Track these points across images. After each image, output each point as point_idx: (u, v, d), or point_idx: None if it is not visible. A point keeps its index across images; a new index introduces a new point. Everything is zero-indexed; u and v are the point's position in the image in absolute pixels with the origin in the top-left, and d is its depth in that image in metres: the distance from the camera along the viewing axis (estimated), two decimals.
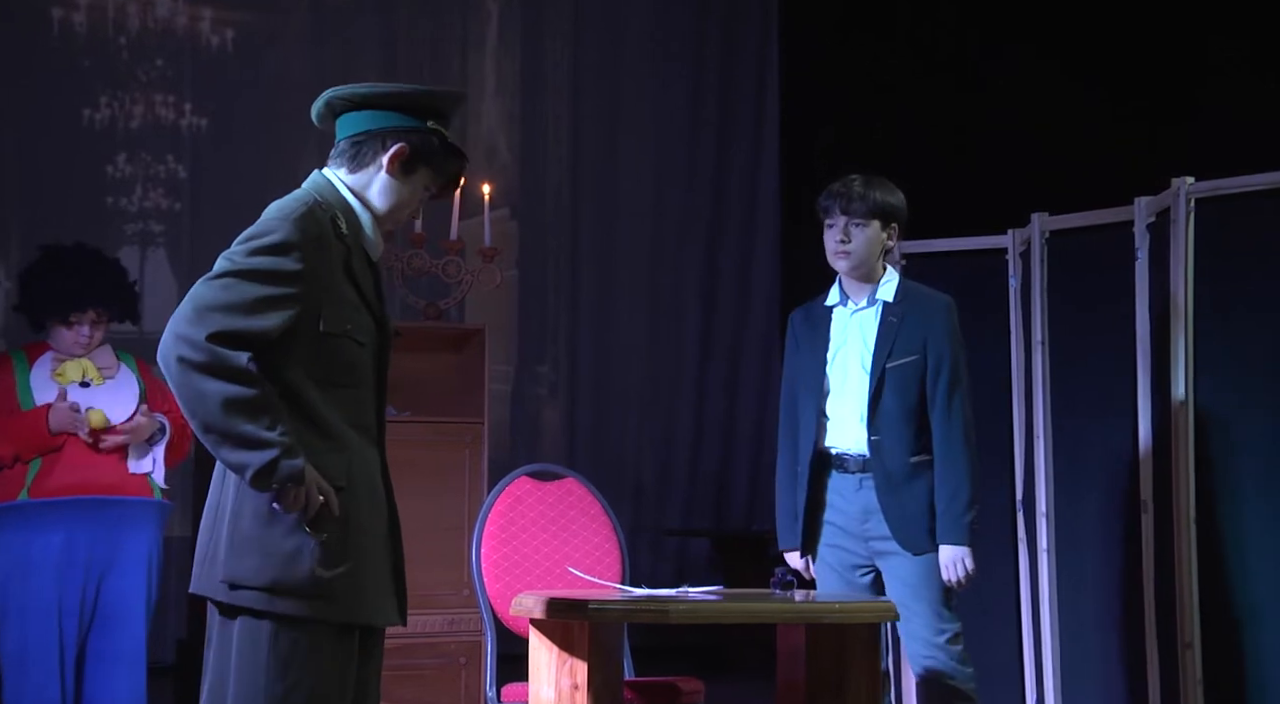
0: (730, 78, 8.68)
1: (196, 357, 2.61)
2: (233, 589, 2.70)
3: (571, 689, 3.34)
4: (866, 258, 3.84)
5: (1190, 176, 4.32)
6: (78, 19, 7.46)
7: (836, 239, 3.84)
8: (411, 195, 2.90)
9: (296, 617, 2.70)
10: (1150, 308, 4.46)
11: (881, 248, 3.86)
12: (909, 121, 7.70)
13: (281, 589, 2.68)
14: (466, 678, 5.06)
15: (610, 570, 4.10)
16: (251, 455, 2.62)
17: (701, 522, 8.40)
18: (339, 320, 2.78)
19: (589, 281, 8.38)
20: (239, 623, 2.72)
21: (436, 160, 2.90)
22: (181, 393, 2.64)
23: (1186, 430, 4.23)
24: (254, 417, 2.62)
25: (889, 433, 3.78)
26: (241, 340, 2.63)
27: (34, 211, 7.24)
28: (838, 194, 3.85)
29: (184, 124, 7.62)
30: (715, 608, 3.40)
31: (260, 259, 2.69)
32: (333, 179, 2.88)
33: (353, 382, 2.82)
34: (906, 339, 3.80)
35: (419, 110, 2.88)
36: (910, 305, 3.84)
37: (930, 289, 3.98)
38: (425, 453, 5.04)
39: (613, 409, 8.33)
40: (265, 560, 2.68)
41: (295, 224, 2.74)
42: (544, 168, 8.41)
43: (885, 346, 3.80)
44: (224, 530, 2.72)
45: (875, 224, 3.83)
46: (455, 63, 8.29)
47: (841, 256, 3.84)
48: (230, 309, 2.63)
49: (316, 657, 2.73)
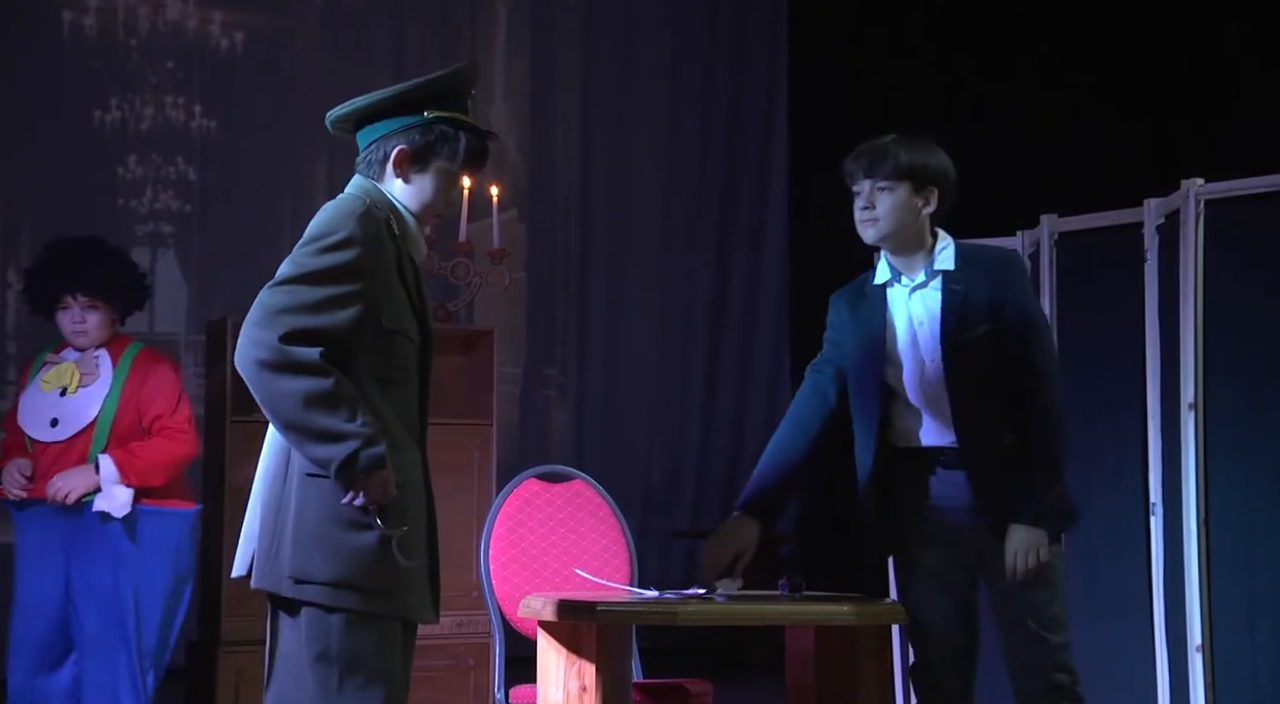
0: (740, 79, 8.67)
1: (271, 357, 2.67)
2: (298, 583, 2.73)
3: (580, 691, 3.34)
4: (896, 226, 3.34)
5: (1200, 178, 4.31)
6: (88, 21, 7.47)
7: (861, 206, 3.38)
8: (438, 189, 2.93)
9: (364, 612, 2.74)
10: (1160, 309, 4.46)
11: (916, 214, 3.34)
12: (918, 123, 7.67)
13: (348, 584, 2.73)
14: (475, 679, 5.06)
15: (619, 572, 4.10)
16: (334, 449, 2.67)
17: (710, 523, 8.38)
18: (397, 317, 2.84)
19: (598, 283, 8.38)
20: (306, 618, 2.75)
21: (444, 148, 2.91)
22: (261, 395, 2.70)
23: (1196, 432, 4.23)
24: (333, 409, 2.67)
25: (974, 415, 3.26)
26: (314, 338, 2.69)
27: (45, 213, 7.25)
28: (861, 153, 3.40)
29: (194, 126, 7.63)
30: (724, 610, 3.39)
31: (326, 258, 2.74)
32: (374, 184, 2.92)
33: (405, 380, 2.88)
34: (975, 308, 3.29)
35: (412, 105, 2.89)
36: (972, 269, 3.33)
37: (990, 246, 3.47)
38: (434, 454, 4.93)
39: (621, 411, 8.33)
40: (332, 556, 2.72)
41: (358, 222, 2.78)
42: (553, 169, 8.41)
43: (952, 321, 3.29)
44: (288, 527, 2.75)
45: (905, 187, 3.33)
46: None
47: (867, 225, 3.37)
48: (301, 310, 2.69)
49: (384, 650, 2.78)
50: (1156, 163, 6.41)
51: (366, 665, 2.75)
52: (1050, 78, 7.39)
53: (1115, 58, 7.37)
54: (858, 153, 3.41)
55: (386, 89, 2.94)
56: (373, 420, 2.71)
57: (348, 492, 2.71)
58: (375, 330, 2.79)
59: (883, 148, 3.37)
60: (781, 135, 8.64)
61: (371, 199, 2.87)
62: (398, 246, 2.86)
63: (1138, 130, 7.13)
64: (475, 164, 2.97)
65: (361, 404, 2.71)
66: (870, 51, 8.11)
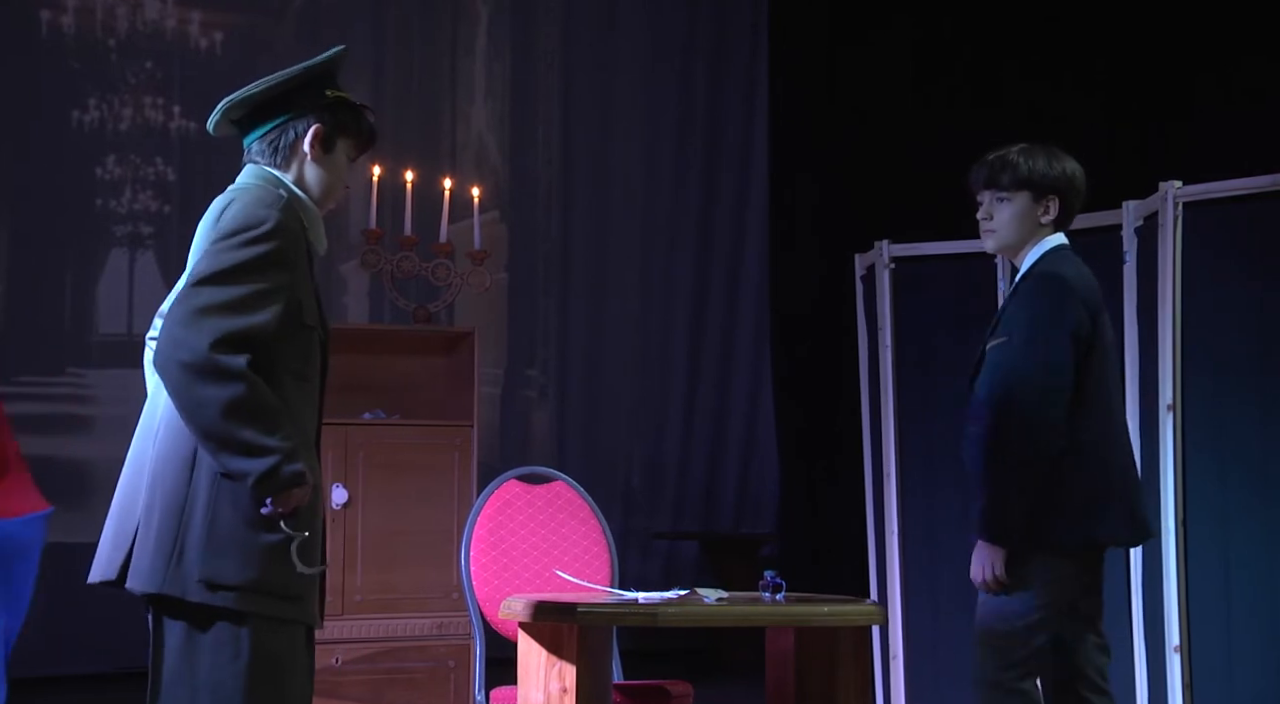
0: (720, 81, 8.68)
1: (194, 361, 2.57)
2: (212, 589, 2.62)
3: (560, 692, 3.34)
4: (1013, 236, 3.35)
5: (1178, 180, 4.33)
6: (66, 21, 7.44)
7: (982, 216, 3.40)
8: (340, 171, 2.88)
9: (279, 617, 2.66)
10: (1138, 311, 4.47)
11: (1035, 224, 3.33)
12: (899, 127, 7.70)
13: (265, 589, 2.64)
14: (455, 681, 5.05)
15: (599, 573, 4.10)
16: (253, 463, 2.59)
17: (690, 524, 8.39)
18: (312, 313, 2.77)
19: (578, 284, 8.38)
20: (209, 625, 2.64)
21: (350, 126, 2.88)
22: (180, 400, 2.61)
23: (1174, 433, 4.24)
24: (253, 422, 2.58)
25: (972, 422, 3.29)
26: (242, 341, 2.60)
27: (23, 214, 7.23)
28: (983, 164, 3.41)
29: (173, 127, 7.60)
30: (704, 611, 3.40)
31: (250, 251, 2.64)
32: (275, 173, 2.84)
33: (312, 377, 2.80)
34: (1006, 317, 3.31)
35: (315, 85, 2.84)
36: (1026, 279, 3.33)
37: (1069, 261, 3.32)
38: (414, 456, 5.04)
39: (602, 412, 8.33)
40: (246, 560, 2.63)
41: (281, 213, 2.71)
42: (533, 171, 8.41)
43: (991, 327, 3.35)
44: (196, 529, 2.63)
45: (1024, 196, 3.33)
46: (445, 65, 8.28)
47: (987, 235, 3.39)
48: (227, 309, 2.60)
49: (295, 657, 2.71)
50: (1135, 165, 6.43)
51: (278, 671, 2.66)
52: (1029, 81, 7.41)
53: (1094, 61, 7.40)
54: (980, 163, 3.42)
55: (273, 76, 2.86)
56: (293, 432, 2.63)
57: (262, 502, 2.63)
58: (296, 326, 2.71)
59: (1002, 158, 3.39)
60: (762, 135, 8.65)
61: (282, 188, 2.79)
62: (306, 240, 2.79)
63: (1117, 133, 7.16)
64: (369, 144, 2.94)
65: (283, 414, 2.63)
66: (851, 53, 8.12)
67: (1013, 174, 3.34)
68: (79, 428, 7.23)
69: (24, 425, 7.15)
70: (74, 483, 6.97)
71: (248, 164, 2.88)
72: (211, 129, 2.91)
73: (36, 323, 7.22)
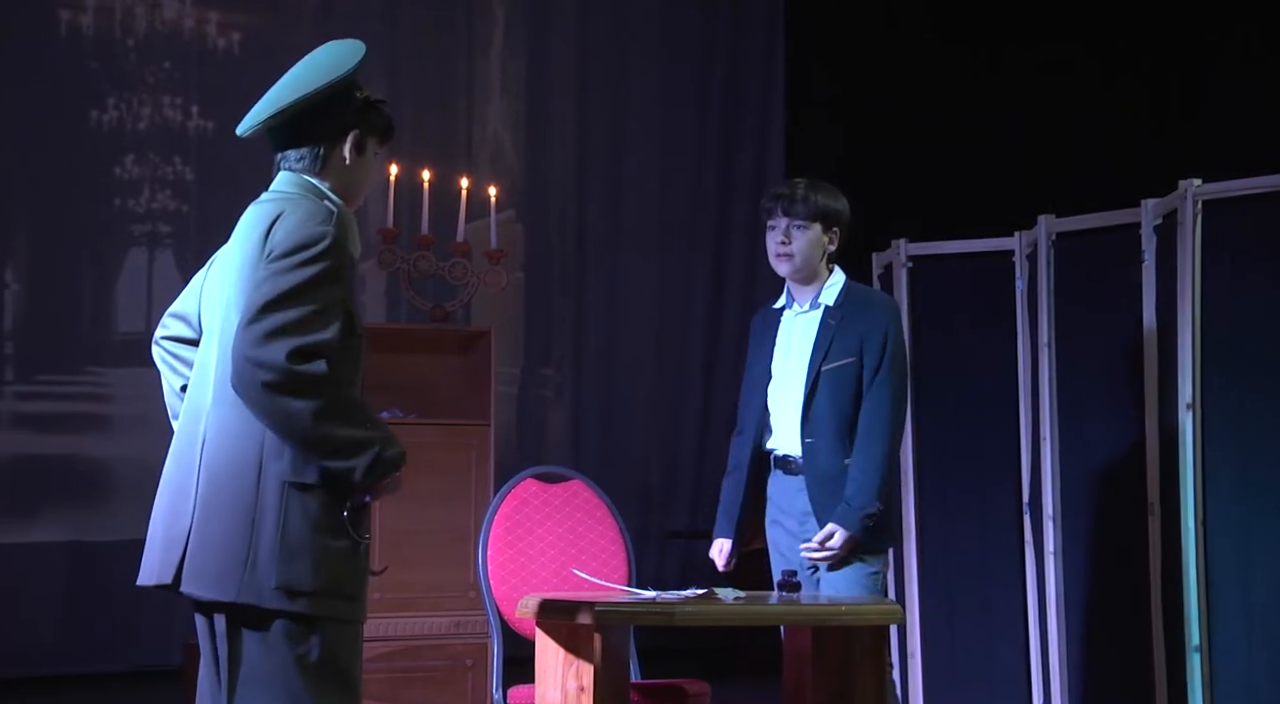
0: (737, 79, 8.66)
1: (278, 379, 2.62)
2: (290, 596, 2.66)
3: (578, 691, 3.34)
4: (807, 261, 3.88)
5: (1197, 179, 4.32)
6: (85, 21, 7.46)
7: (778, 241, 3.88)
8: (371, 170, 2.95)
9: (345, 619, 2.73)
10: (1157, 310, 4.46)
11: (823, 251, 3.89)
12: (916, 124, 7.69)
13: (335, 592, 2.70)
14: (473, 680, 5.06)
15: (616, 572, 4.10)
16: (357, 459, 2.67)
17: (707, 523, 8.37)
18: (359, 322, 2.83)
19: (595, 283, 8.37)
20: (282, 629, 2.69)
21: (378, 125, 2.94)
22: (272, 419, 2.66)
23: (1194, 432, 4.23)
24: (345, 420, 2.67)
25: (822, 435, 3.76)
26: (316, 353, 2.65)
27: (41, 213, 7.24)
28: (780, 196, 3.90)
29: (191, 126, 7.62)
30: (722, 610, 3.39)
31: (311, 269, 2.69)
32: (314, 181, 2.87)
33: (357, 382, 2.84)
34: (844, 342, 3.80)
35: (347, 89, 2.87)
36: (851, 308, 3.86)
37: (876, 291, 4.01)
38: (431, 455, 5.04)
39: (619, 411, 8.32)
40: (317, 565, 2.68)
41: (336, 228, 2.75)
42: (550, 169, 8.40)
43: (822, 350, 3.81)
44: (268, 537, 2.67)
45: (816, 227, 3.86)
46: (461, 64, 8.28)
47: (783, 259, 3.89)
48: (297, 327, 2.65)
49: (357, 655, 2.78)
50: (1154, 163, 6.41)
51: (347, 671, 2.73)
52: (1048, 78, 7.40)
53: (1113, 57, 7.37)
54: (776, 194, 3.94)
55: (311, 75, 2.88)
56: (380, 420, 2.74)
57: (361, 495, 2.70)
58: (349, 336, 2.76)
59: (801, 190, 3.88)
60: (778, 133, 8.64)
61: (326, 199, 2.83)
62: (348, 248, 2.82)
63: (1135, 130, 7.13)
64: (390, 137, 2.99)
65: (365, 407, 2.74)
66: (867, 48, 8.11)
67: (812, 207, 3.86)
68: (98, 426, 7.25)
69: (43, 424, 7.23)
70: (93, 481, 7.00)
71: (283, 171, 2.91)
72: (241, 132, 2.94)
73: (55, 322, 7.24)
